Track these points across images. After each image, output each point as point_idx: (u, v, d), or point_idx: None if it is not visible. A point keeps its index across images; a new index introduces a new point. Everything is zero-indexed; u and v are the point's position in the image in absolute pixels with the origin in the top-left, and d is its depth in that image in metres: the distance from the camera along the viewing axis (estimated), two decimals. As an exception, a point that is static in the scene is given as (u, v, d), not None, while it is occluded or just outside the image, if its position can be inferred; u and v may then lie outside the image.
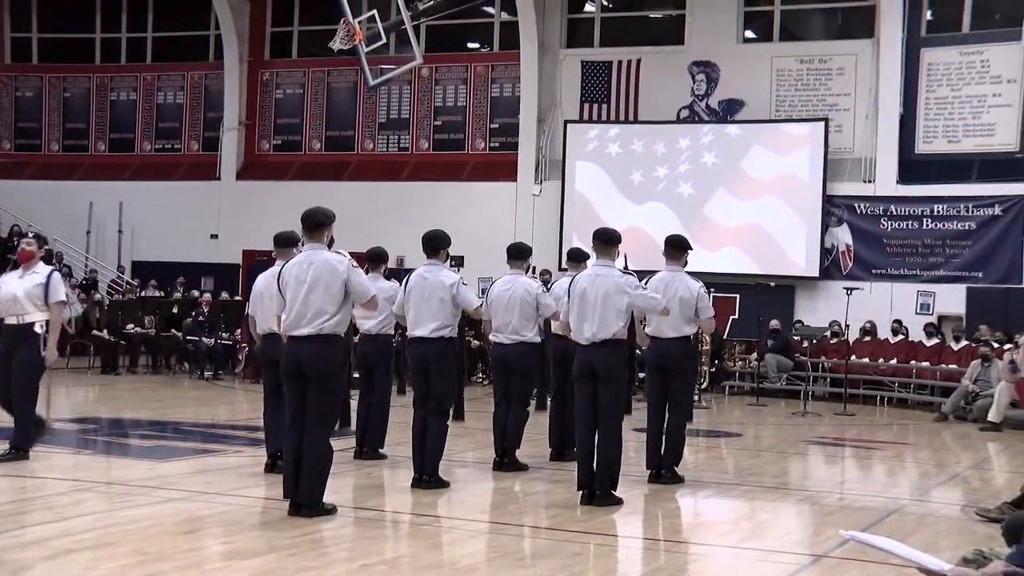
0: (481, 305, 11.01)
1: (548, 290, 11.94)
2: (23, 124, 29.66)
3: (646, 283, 10.13)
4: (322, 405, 8.39)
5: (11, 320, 10.31)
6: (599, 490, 9.30)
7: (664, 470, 10.52)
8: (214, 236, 26.84)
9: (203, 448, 12.36)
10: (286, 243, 10.06)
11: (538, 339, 11.09)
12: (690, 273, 10.69)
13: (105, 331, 22.22)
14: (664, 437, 10.52)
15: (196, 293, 24.00)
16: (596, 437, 9.32)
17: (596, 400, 9.35)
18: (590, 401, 9.39)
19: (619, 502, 9.34)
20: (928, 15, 22.71)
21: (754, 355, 21.46)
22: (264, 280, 10.00)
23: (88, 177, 28.27)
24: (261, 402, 10.31)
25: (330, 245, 8.55)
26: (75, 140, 29.31)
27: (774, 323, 21.25)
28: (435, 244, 10.11)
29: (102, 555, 6.99)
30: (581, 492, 9.33)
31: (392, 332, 11.60)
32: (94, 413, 16.28)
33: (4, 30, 29.66)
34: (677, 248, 10.81)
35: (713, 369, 21.12)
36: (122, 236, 27.67)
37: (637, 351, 13.28)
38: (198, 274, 25.79)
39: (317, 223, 8.52)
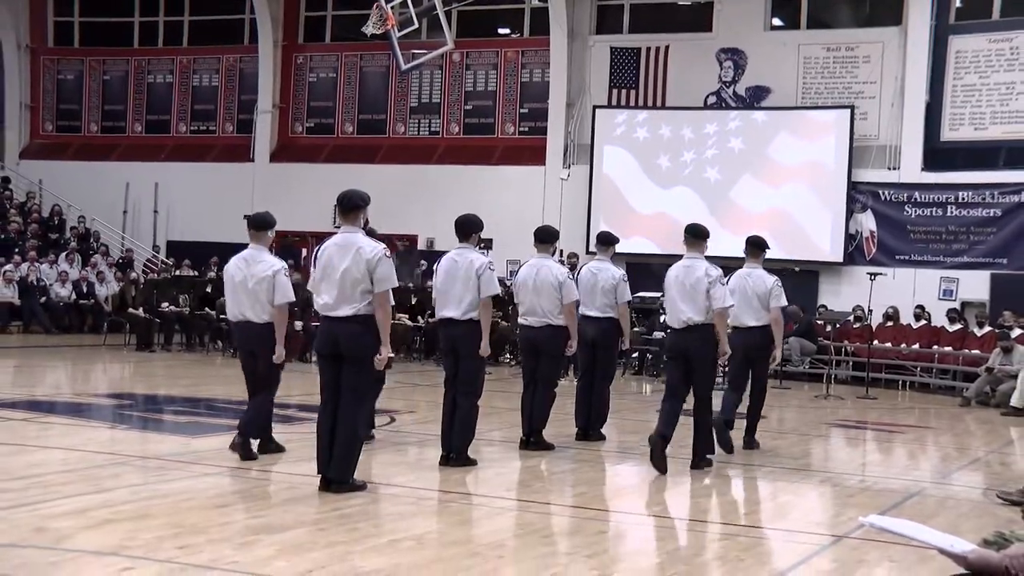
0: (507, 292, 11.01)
1: (577, 274, 12.12)
2: (64, 106, 29.90)
3: (731, 279, 11.24)
4: (357, 384, 8.44)
5: None
6: (694, 455, 10.33)
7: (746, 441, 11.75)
8: (247, 217, 26.86)
9: (235, 424, 12.41)
10: (260, 225, 9.98)
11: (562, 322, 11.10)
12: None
13: (140, 309, 22.36)
14: (747, 412, 11.82)
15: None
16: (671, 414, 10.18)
17: (688, 378, 10.24)
18: (680, 380, 10.29)
19: (710, 464, 10.37)
20: (957, 2, 22.53)
21: (778, 339, 21.33)
22: (234, 265, 9.93)
23: (125, 158, 28.45)
24: (294, 381, 10.37)
25: (365, 227, 8.61)
26: (113, 122, 29.49)
27: (792, 308, 21.10)
28: (467, 228, 10.09)
29: (139, 526, 7.06)
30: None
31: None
32: (130, 389, 16.40)
33: (48, 15, 29.84)
34: (756, 247, 11.99)
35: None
36: (157, 216, 27.84)
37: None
38: (231, 254, 25.68)
39: (353, 205, 8.54)
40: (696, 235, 10.66)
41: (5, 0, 29.05)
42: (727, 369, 12.61)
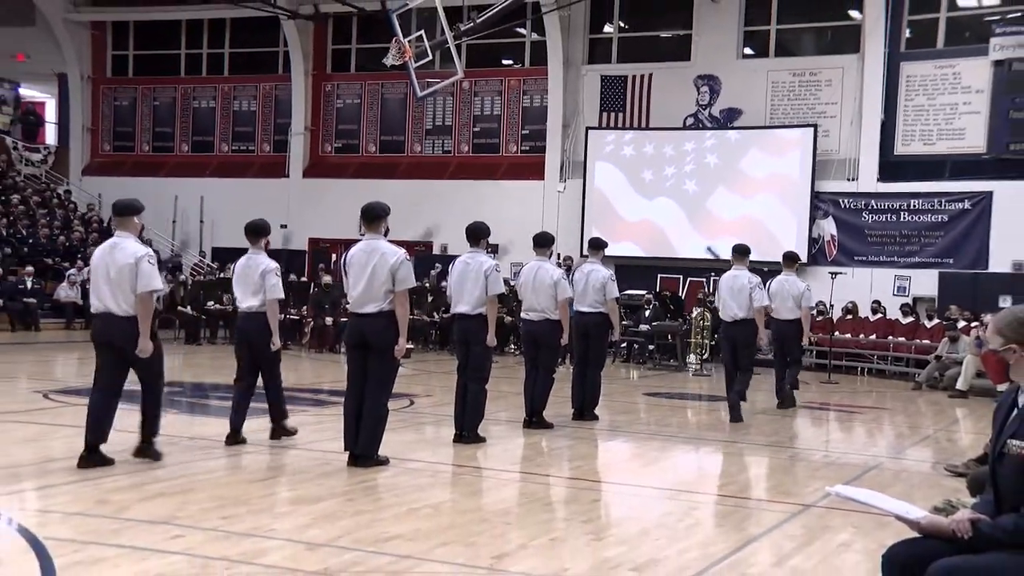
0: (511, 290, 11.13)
1: (571, 274, 12.17)
2: (120, 129, 29.94)
3: (769, 283, 13.31)
4: (382, 371, 8.45)
5: None
6: (734, 407, 12.21)
7: (782, 405, 13.80)
8: (284, 226, 26.94)
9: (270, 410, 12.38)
10: (124, 211, 8.19)
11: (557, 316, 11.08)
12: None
13: (188, 307, 22.36)
14: (785, 383, 13.94)
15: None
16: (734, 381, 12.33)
17: (736, 359, 12.38)
18: (731, 360, 12.48)
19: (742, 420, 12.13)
20: (907, 33, 22.51)
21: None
22: (97, 255, 8.12)
23: (174, 174, 28.45)
24: (325, 370, 10.33)
25: (386, 234, 8.61)
26: (163, 142, 29.52)
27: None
28: (477, 234, 10.11)
29: (187, 499, 7.06)
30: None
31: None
32: (179, 378, 16.34)
33: (107, 49, 29.88)
34: (791, 260, 14.29)
35: (713, 342, 21.04)
36: (203, 225, 27.84)
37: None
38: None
39: (376, 215, 8.57)
40: (742, 252, 12.69)
41: (71, 38, 29.13)
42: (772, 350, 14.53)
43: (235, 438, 9.27)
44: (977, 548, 3.75)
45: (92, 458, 7.94)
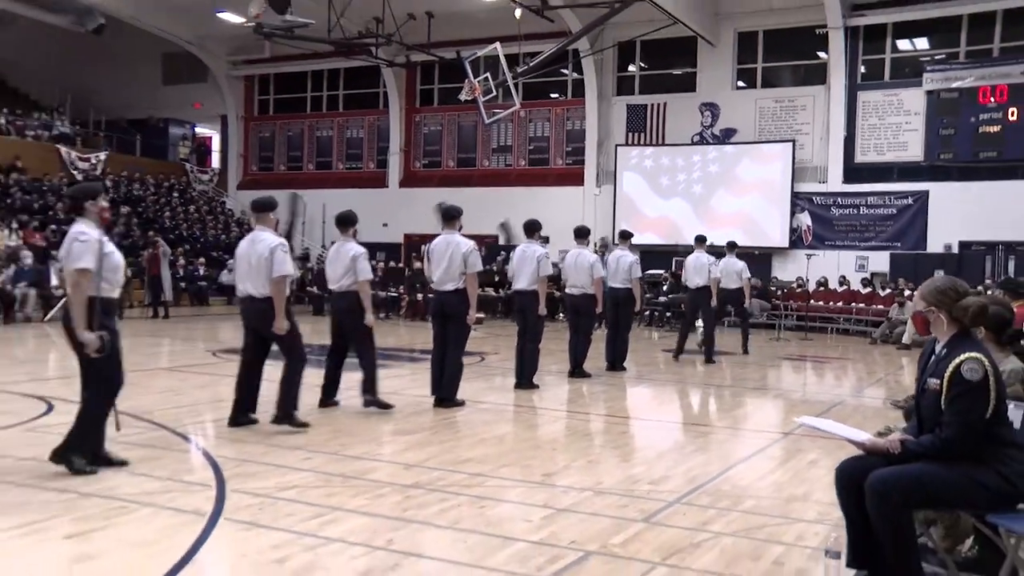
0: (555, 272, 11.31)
1: (605, 258, 12.19)
2: (263, 154, 30.28)
3: (720, 263, 13.75)
4: (458, 335, 8.56)
5: None
6: (707, 357, 13.10)
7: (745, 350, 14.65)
8: (385, 224, 27.17)
9: (378, 364, 12.53)
10: (261, 208, 7.39)
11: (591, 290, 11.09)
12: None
13: (315, 287, 22.64)
14: (742, 333, 15.03)
15: (373, 262, 24.34)
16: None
17: (695, 315, 13.67)
18: (692, 316, 13.75)
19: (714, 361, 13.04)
20: (862, 69, 22.10)
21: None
22: (241, 246, 7.36)
23: (303, 187, 28.69)
24: (417, 335, 10.45)
25: (459, 229, 8.71)
26: (294, 163, 29.81)
27: (753, 280, 20.86)
28: (532, 228, 10.19)
29: (314, 430, 7.20)
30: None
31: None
32: (307, 340, 16.58)
33: (254, 95, 30.29)
34: (731, 247, 14.56)
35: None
36: (325, 225, 28.10)
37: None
38: (374, 250, 25.97)
39: (451, 216, 8.67)
40: (701, 240, 13.50)
41: (230, 88, 29.70)
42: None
43: (326, 402, 8.31)
44: (905, 460, 3.79)
45: (239, 419, 7.32)
